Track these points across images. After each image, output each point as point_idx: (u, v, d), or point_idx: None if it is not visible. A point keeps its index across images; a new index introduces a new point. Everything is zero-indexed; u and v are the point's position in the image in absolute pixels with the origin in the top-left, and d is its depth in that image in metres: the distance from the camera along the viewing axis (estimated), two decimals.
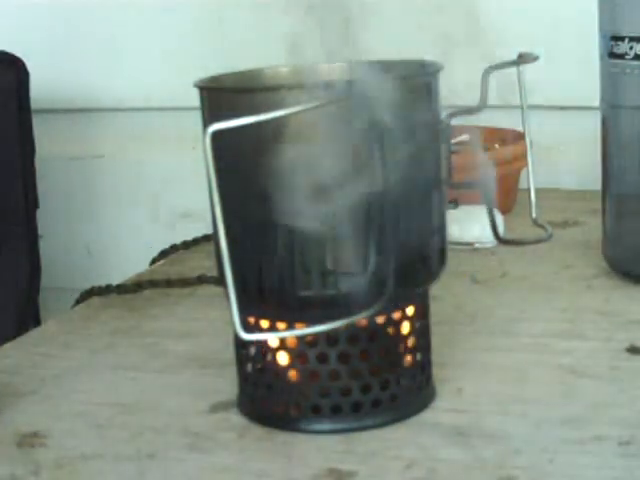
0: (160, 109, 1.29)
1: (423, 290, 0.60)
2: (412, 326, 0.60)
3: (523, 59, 0.59)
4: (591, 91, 0.82)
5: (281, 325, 0.58)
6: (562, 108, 1.15)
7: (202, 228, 0.90)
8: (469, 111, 0.57)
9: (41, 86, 1.21)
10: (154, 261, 0.96)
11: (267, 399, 0.60)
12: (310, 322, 0.55)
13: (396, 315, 0.58)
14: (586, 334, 0.71)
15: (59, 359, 0.72)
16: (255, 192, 0.55)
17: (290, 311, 0.57)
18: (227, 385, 0.64)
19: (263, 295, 0.57)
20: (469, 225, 0.90)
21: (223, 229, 0.51)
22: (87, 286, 0.86)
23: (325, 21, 0.57)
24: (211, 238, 0.58)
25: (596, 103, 0.81)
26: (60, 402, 0.65)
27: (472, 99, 0.58)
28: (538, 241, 0.62)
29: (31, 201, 1.15)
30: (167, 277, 0.86)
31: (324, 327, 0.54)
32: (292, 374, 0.58)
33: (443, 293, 0.79)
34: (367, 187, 0.54)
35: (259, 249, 0.56)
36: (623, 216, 0.81)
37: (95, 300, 0.84)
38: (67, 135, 1.34)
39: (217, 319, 0.76)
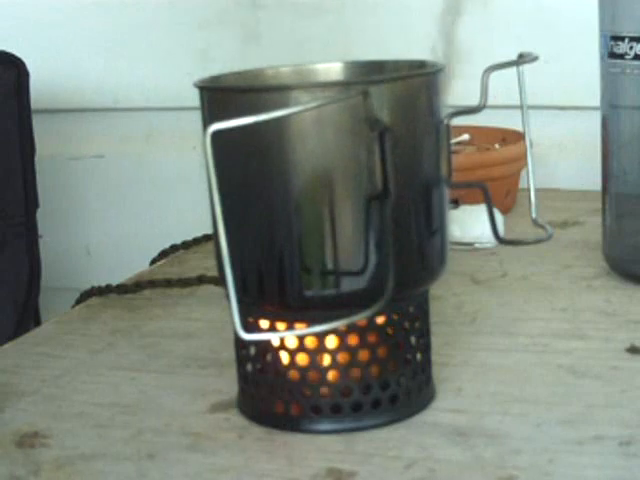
0: (160, 109, 1.29)
1: (423, 290, 0.60)
2: (412, 326, 0.60)
3: (523, 59, 0.59)
4: (591, 91, 0.82)
5: (281, 325, 0.58)
6: (562, 108, 1.15)
7: (202, 228, 0.90)
8: (469, 111, 0.57)
9: (41, 86, 1.21)
10: (154, 261, 0.96)
11: (267, 399, 0.60)
12: (310, 322, 0.55)
13: (396, 315, 0.58)
14: (586, 334, 0.71)
15: (59, 359, 0.72)
16: (255, 192, 0.55)
17: (290, 311, 0.57)
18: (227, 385, 0.64)
19: (263, 295, 0.57)
20: (469, 225, 0.90)
21: (223, 229, 0.51)
22: (87, 286, 0.86)
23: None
24: (211, 238, 0.58)
25: (596, 103, 0.81)
26: (60, 402, 0.65)
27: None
28: (538, 241, 0.61)
29: (31, 201, 1.15)
30: (167, 277, 0.86)
31: (324, 327, 0.54)
32: (292, 374, 0.58)
33: (443, 293, 0.79)
34: (367, 187, 0.54)
35: (259, 249, 0.56)
36: (623, 216, 0.81)
37: (95, 300, 0.84)
38: (67, 135, 1.34)
39: (217, 319, 0.76)
